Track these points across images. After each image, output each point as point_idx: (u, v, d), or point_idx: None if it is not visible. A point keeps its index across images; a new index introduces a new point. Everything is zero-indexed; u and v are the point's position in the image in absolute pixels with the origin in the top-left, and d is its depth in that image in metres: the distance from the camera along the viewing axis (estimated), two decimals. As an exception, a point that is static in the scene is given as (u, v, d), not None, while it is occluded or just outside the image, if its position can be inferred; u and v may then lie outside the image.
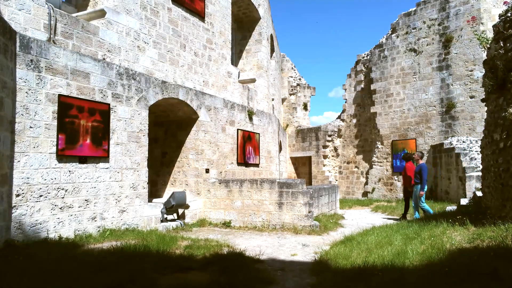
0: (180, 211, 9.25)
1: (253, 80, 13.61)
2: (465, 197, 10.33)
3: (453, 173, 12.44)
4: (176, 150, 10.37)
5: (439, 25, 14.94)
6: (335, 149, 19.01)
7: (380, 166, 16.73)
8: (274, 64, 17.85)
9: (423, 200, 9.54)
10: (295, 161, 20.55)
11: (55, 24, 6.89)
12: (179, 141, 10.31)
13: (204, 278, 4.40)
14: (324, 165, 18.74)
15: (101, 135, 7.19)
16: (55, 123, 6.36)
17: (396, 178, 16.03)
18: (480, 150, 7.56)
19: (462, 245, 4.38)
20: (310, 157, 19.48)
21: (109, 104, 7.38)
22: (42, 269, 4.29)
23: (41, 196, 6.10)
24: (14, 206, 5.71)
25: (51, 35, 6.79)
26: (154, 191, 10.52)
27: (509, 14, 4.84)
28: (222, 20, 12.02)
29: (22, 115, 5.90)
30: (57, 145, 6.36)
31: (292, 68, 21.84)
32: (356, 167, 18.25)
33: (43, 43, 6.31)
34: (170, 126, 10.58)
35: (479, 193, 7.34)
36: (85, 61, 6.96)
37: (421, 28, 15.48)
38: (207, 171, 10.16)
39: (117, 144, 7.58)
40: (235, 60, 14.65)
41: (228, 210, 9.38)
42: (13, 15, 6.27)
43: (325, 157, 18.80)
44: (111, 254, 5.19)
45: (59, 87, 6.46)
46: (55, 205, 6.32)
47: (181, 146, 10.27)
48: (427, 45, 15.25)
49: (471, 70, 13.99)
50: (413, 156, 10.58)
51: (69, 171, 6.59)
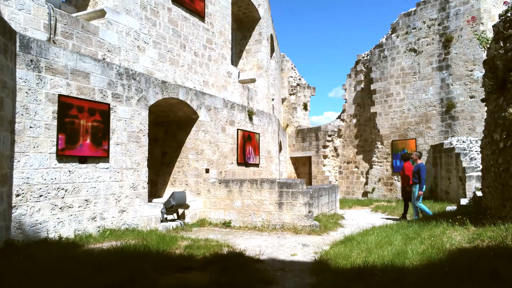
0: (180, 211, 9.25)
1: (253, 80, 13.60)
2: (465, 197, 10.33)
3: (453, 173, 12.45)
4: (176, 150, 10.37)
5: (439, 25, 14.94)
6: (335, 149, 19.01)
7: (380, 166, 16.73)
8: (274, 64, 17.85)
9: (420, 200, 9.55)
10: (295, 161, 20.55)
11: (55, 24, 6.89)
12: (179, 141, 10.32)
13: (204, 278, 4.40)
14: (324, 165, 18.74)
15: (101, 135, 7.19)
16: (55, 123, 6.36)
17: (396, 178, 16.03)
18: (480, 150, 7.56)
19: (462, 245, 4.38)
20: (310, 157, 19.48)
21: (109, 104, 7.38)
22: (42, 269, 4.29)
23: (41, 196, 6.10)
24: (14, 206, 5.71)
25: (51, 35, 6.79)
26: (154, 191, 10.52)
27: (509, 14, 4.84)
28: (222, 20, 12.02)
29: (22, 115, 5.90)
30: (57, 145, 6.36)
31: (292, 68, 21.84)
32: (356, 167, 18.25)
33: (43, 43, 6.31)
34: (170, 126, 10.59)
35: (479, 193, 7.34)
36: (85, 61, 6.96)
37: (421, 28, 15.48)
38: (207, 171, 10.16)
39: (117, 144, 7.58)
40: (235, 60, 14.65)
41: (228, 210, 9.38)
42: (13, 15, 6.27)
43: (325, 157, 18.80)
44: (111, 254, 5.19)
45: (59, 87, 6.47)
46: (55, 205, 6.32)
47: (181, 146, 10.27)
48: (427, 45, 15.25)
49: (471, 70, 13.99)
50: (411, 156, 10.58)
51: (69, 171, 6.59)
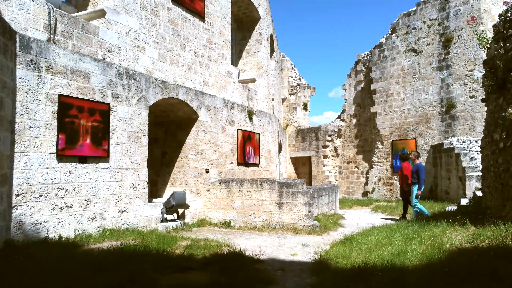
0: (180, 211, 9.25)
1: (253, 80, 13.60)
2: (465, 197, 10.33)
3: (453, 173, 12.45)
4: (176, 150, 10.37)
5: (439, 25, 14.94)
6: (335, 149, 19.01)
7: (380, 166, 16.73)
8: (274, 64, 17.85)
9: (417, 199, 9.55)
10: (295, 161, 20.55)
11: (55, 24, 6.89)
12: (179, 141, 10.31)
13: (204, 278, 4.40)
14: (324, 165, 18.74)
15: (101, 135, 7.19)
16: (55, 123, 6.36)
17: (396, 178, 16.02)
18: (480, 150, 7.56)
19: (462, 245, 4.38)
20: (310, 157, 19.48)
21: (109, 104, 7.38)
22: (42, 269, 4.28)
23: (41, 196, 6.10)
24: (14, 206, 5.71)
25: (51, 35, 6.79)
26: (154, 191, 10.52)
27: (509, 14, 4.84)
28: (222, 20, 12.02)
29: (22, 115, 5.90)
30: (57, 145, 6.36)
31: (292, 68, 21.84)
32: (356, 167, 18.25)
33: (43, 43, 6.31)
34: (170, 126, 10.59)
35: (479, 193, 7.34)
36: (85, 61, 6.96)
37: (421, 28, 15.48)
38: (207, 171, 10.16)
39: (117, 144, 7.58)
40: (235, 60, 14.65)
41: (228, 210, 9.38)
42: (13, 15, 6.26)
43: (325, 157, 18.80)
44: (111, 254, 5.19)
45: (59, 87, 6.46)
46: (55, 205, 6.32)
47: (181, 146, 10.27)
48: (427, 45, 15.25)
49: (471, 70, 13.99)
50: (409, 156, 10.57)
51: (69, 171, 6.59)
